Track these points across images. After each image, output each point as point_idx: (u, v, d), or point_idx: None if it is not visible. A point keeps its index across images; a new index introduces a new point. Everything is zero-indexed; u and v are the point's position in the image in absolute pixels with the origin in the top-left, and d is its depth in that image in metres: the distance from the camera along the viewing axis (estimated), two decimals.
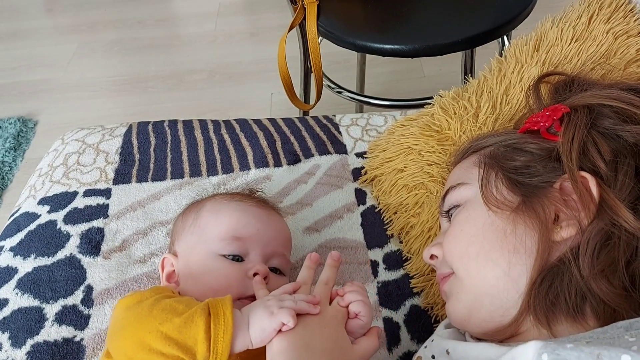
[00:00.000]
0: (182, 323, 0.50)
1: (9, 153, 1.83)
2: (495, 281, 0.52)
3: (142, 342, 0.50)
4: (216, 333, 0.49)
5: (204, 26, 2.45)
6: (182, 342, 0.49)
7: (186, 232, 0.67)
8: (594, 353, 0.36)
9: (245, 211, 0.66)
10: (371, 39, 1.07)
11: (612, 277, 0.47)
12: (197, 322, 0.50)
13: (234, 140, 0.95)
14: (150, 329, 0.50)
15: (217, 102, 2.02)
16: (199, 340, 0.49)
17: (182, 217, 0.71)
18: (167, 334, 0.50)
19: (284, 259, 0.67)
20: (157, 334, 0.50)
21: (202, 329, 0.49)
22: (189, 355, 0.49)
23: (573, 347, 0.37)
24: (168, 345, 0.49)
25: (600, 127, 0.54)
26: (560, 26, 0.78)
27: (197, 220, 0.67)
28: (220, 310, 0.51)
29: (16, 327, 0.69)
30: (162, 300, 0.54)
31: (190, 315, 0.50)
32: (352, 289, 0.57)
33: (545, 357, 0.38)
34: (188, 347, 0.49)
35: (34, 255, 0.76)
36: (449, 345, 0.53)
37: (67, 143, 0.96)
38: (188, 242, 0.66)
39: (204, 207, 0.68)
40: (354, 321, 0.56)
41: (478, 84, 0.82)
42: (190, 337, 0.49)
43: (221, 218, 0.65)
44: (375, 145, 0.89)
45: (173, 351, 0.49)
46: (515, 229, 0.51)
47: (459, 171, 0.62)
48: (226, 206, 0.67)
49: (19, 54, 2.37)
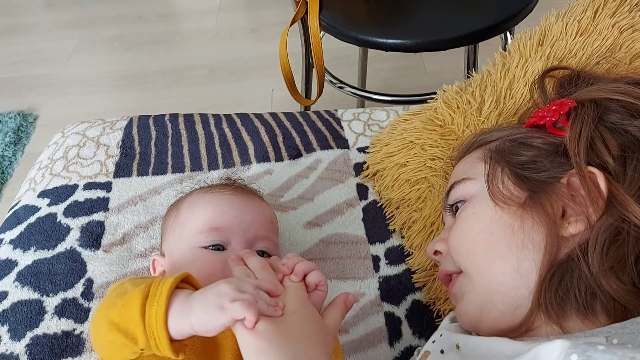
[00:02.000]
0: (123, 305, 0.47)
1: (8, 147, 1.82)
2: (504, 278, 0.51)
3: (99, 331, 0.48)
4: (149, 315, 0.45)
5: (204, 22, 2.44)
6: (124, 326, 0.46)
7: (169, 231, 0.67)
8: (627, 356, 0.35)
9: (220, 201, 0.65)
10: (373, 34, 1.07)
11: (622, 273, 0.46)
12: (133, 303, 0.46)
13: (235, 134, 0.94)
14: (102, 316, 0.48)
15: (218, 98, 2.01)
16: (136, 323, 0.46)
17: (165, 216, 0.71)
18: (111, 318, 0.47)
19: (268, 241, 0.66)
20: (106, 320, 0.47)
21: (137, 311, 0.45)
22: (131, 340, 0.46)
23: (605, 349, 0.36)
24: (113, 331, 0.46)
25: (607, 121, 0.53)
26: (565, 20, 0.78)
27: (177, 218, 0.67)
28: (158, 290, 0.47)
29: (15, 319, 0.68)
30: (119, 286, 0.50)
31: (130, 297, 0.47)
32: (297, 260, 0.54)
33: (574, 358, 0.37)
34: (129, 331, 0.46)
35: (34, 248, 0.76)
36: (459, 340, 0.52)
37: (67, 136, 0.96)
38: (171, 241, 0.66)
39: (182, 204, 0.68)
40: (316, 294, 0.53)
41: (482, 78, 0.81)
42: (130, 321, 0.46)
43: (197, 211, 0.65)
44: (378, 140, 0.88)
45: (118, 337, 0.46)
46: (522, 225, 0.51)
47: (463, 165, 0.61)
48: (202, 199, 0.66)
49: (19, 49, 2.36)
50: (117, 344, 0.47)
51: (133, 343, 0.46)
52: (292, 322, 0.47)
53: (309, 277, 0.53)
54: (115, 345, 0.48)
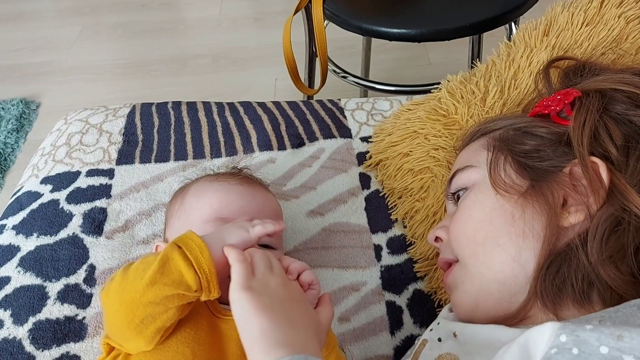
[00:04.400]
0: (160, 265, 0.49)
1: (11, 135, 1.82)
2: (502, 267, 0.51)
3: (134, 304, 0.50)
4: (195, 256, 0.50)
5: (208, 10, 2.43)
6: (169, 280, 0.49)
7: (174, 218, 0.67)
8: (614, 334, 0.36)
9: (227, 190, 0.65)
10: (378, 23, 1.06)
11: (621, 263, 0.46)
12: (172, 257, 0.50)
13: (238, 122, 0.94)
14: (135, 289, 0.50)
15: (221, 87, 2.01)
16: (183, 271, 0.49)
17: (170, 202, 0.70)
18: (152, 281, 0.49)
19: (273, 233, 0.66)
20: (144, 287, 0.49)
21: (180, 259, 0.49)
22: (182, 287, 0.49)
23: (593, 328, 0.37)
24: (159, 290, 0.49)
25: (612, 111, 0.53)
26: (571, 10, 0.77)
27: (183, 205, 0.66)
28: (187, 239, 0.51)
29: (18, 304, 0.69)
30: (129, 265, 0.53)
31: (163, 256, 0.50)
32: (290, 261, 0.56)
33: (563, 338, 0.37)
34: (177, 281, 0.49)
35: (36, 234, 0.76)
36: (455, 328, 0.53)
37: (70, 123, 0.96)
38: (176, 227, 0.65)
39: (188, 191, 0.68)
40: (309, 292, 0.55)
41: (486, 68, 0.81)
42: (174, 272, 0.49)
43: (203, 200, 0.65)
44: (381, 129, 0.88)
45: (166, 292, 0.49)
46: (523, 214, 0.51)
47: (467, 154, 0.61)
48: (209, 187, 0.66)
49: (22, 36, 2.36)
50: (159, 303, 0.49)
51: (186, 290, 0.49)
52: (296, 310, 0.48)
53: (302, 276, 0.55)
54: (157, 305, 0.49)
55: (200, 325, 0.55)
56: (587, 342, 0.36)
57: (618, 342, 0.35)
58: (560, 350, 0.37)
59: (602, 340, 0.36)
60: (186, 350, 0.53)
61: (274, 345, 0.42)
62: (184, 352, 0.53)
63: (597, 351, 0.36)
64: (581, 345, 0.36)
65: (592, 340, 0.36)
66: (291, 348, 0.42)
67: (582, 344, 0.36)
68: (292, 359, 0.41)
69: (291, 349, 0.42)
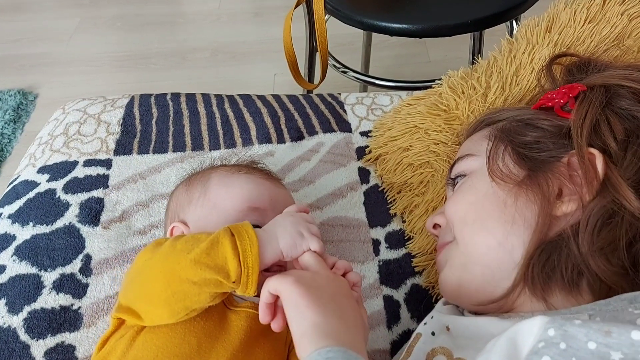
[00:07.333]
0: (209, 246, 0.51)
1: (8, 125, 1.81)
2: (487, 250, 0.52)
3: (172, 275, 0.51)
4: (243, 248, 0.50)
5: (207, 4, 2.42)
6: (213, 263, 0.50)
7: (194, 205, 0.66)
8: (602, 330, 0.36)
9: (257, 183, 0.66)
10: (379, 18, 1.06)
11: (612, 255, 0.47)
12: (222, 242, 0.51)
13: (237, 115, 0.94)
14: (178, 260, 0.51)
15: (220, 81, 2.00)
16: (228, 258, 0.50)
17: (185, 189, 0.69)
18: (196, 259, 0.50)
19: None
20: (187, 262, 0.50)
21: (229, 247, 0.50)
22: (222, 274, 0.50)
23: (581, 323, 0.37)
24: (200, 269, 0.50)
25: (615, 106, 0.54)
26: (573, 7, 0.77)
27: (206, 194, 0.66)
28: (242, 229, 0.52)
29: (13, 293, 0.68)
30: (180, 237, 0.54)
31: (214, 238, 0.51)
32: (335, 259, 0.57)
33: (551, 332, 0.37)
34: (220, 266, 0.50)
35: (32, 223, 0.75)
36: (448, 321, 0.53)
37: (68, 113, 0.95)
38: (199, 214, 0.65)
39: (210, 180, 0.67)
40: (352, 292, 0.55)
41: (488, 64, 0.81)
42: (219, 257, 0.50)
43: (233, 190, 0.65)
44: (381, 124, 0.88)
45: (205, 274, 0.50)
46: (515, 201, 0.52)
47: (469, 143, 0.62)
48: (237, 178, 0.66)
49: (21, 27, 2.34)
50: (200, 283, 0.50)
51: (225, 278, 0.50)
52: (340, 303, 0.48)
53: (349, 275, 0.55)
54: (197, 285, 0.50)
55: (210, 316, 0.55)
56: (575, 337, 0.36)
57: (606, 338, 0.35)
58: (547, 345, 0.37)
59: (590, 336, 0.36)
60: (192, 340, 0.53)
61: (323, 337, 0.43)
62: (190, 341, 0.53)
63: (584, 347, 0.36)
64: (569, 340, 0.36)
65: (580, 335, 0.36)
66: (339, 342, 0.42)
67: (570, 339, 0.36)
68: (331, 349, 0.41)
69: (339, 343, 0.42)
